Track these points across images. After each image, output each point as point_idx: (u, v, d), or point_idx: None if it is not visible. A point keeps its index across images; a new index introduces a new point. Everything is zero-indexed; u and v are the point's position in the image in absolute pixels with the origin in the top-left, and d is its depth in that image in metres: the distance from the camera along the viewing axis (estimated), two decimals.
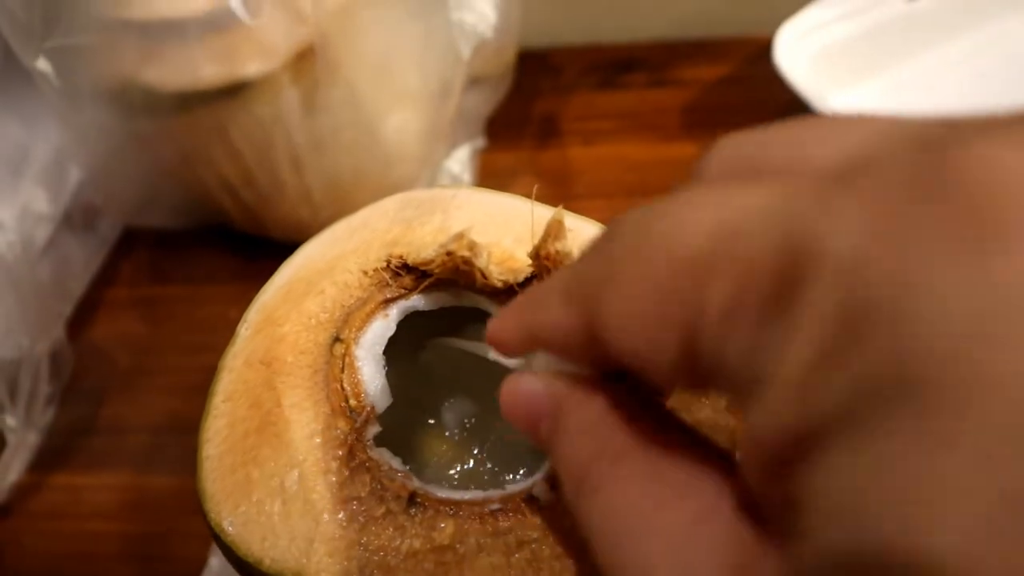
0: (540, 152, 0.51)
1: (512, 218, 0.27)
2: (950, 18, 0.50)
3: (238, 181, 0.42)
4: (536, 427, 0.16)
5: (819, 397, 0.10)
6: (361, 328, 0.25)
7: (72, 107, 0.40)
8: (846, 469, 0.10)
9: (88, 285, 0.47)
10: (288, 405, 0.23)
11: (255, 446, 0.23)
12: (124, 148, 0.42)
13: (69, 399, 0.43)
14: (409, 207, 0.28)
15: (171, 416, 0.42)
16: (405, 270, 0.25)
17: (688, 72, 0.55)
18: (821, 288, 0.10)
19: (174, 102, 0.38)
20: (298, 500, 0.22)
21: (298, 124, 0.39)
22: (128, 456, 0.40)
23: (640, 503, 0.14)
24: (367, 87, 0.39)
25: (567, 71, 0.56)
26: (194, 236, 0.49)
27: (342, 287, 0.26)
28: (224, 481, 0.23)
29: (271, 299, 0.26)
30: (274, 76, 0.37)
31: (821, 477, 0.10)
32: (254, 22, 0.35)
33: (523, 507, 0.21)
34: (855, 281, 0.10)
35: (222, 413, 0.24)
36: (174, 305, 0.47)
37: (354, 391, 0.23)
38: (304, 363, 0.24)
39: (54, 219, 0.44)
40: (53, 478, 0.40)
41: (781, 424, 0.11)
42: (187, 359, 0.44)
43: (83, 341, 0.45)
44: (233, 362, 0.25)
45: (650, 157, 0.50)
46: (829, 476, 0.10)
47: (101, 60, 0.38)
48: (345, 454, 0.22)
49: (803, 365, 0.10)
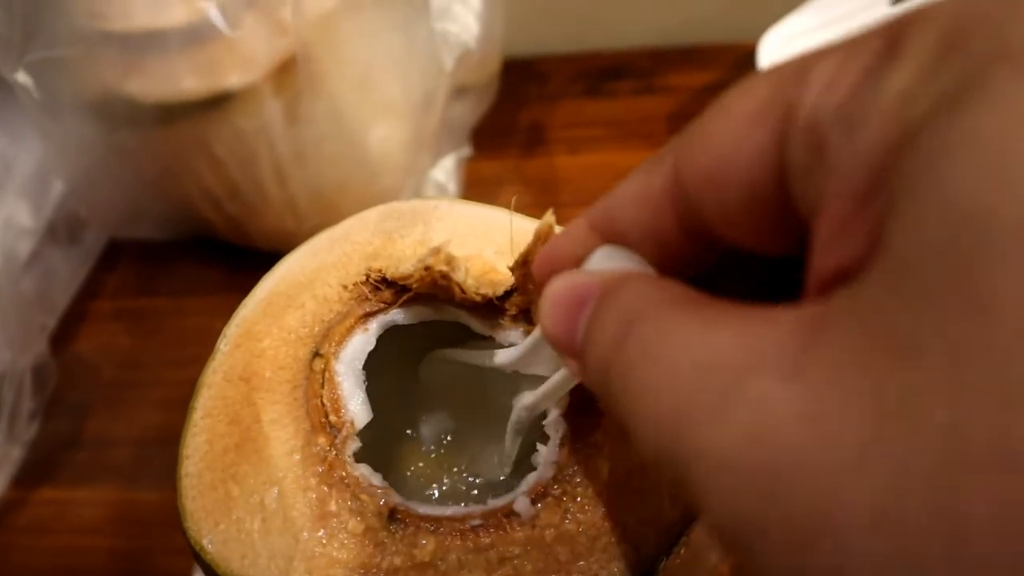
0: (526, 160, 0.51)
1: (493, 230, 0.27)
2: None
3: (222, 192, 0.41)
4: (575, 317, 0.15)
5: (920, 100, 0.10)
6: (341, 343, 0.24)
7: (54, 119, 0.40)
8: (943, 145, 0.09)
9: (72, 298, 0.47)
10: (267, 421, 0.23)
11: (235, 463, 0.23)
12: (107, 160, 0.42)
13: (53, 413, 0.42)
14: (390, 219, 0.28)
15: (156, 429, 0.42)
16: (385, 284, 0.25)
17: (674, 79, 0.55)
18: (924, 27, 0.11)
19: (156, 114, 0.38)
20: (278, 517, 0.21)
21: (281, 135, 0.38)
22: (113, 470, 0.40)
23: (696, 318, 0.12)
24: (350, 98, 0.39)
25: (553, 79, 0.56)
26: (179, 247, 0.49)
27: (322, 301, 0.25)
28: (204, 499, 0.22)
29: (250, 313, 0.26)
30: (256, 87, 0.36)
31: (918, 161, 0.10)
32: (235, 33, 0.35)
33: (504, 523, 0.21)
34: (957, 11, 0.10)
35: (201, 430, 0.24)
36: (159, 317, 0.46)
37: (334, 407, 0.23)
38: (283, 378, 0.24)
39: (37, 232, 0.44)
40: (37, 493, 0.40)
41: (883, 136, 0.10)
42: (172, 372, 0.44)
43: (67, 354, 0.45)
44: (212, 378, 0.25)
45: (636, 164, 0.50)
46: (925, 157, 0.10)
47: (82, 72, 0.37)
48: (325, 470, 0.22)
49: (905, 82, 0.10)
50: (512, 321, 0.24)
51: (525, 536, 0.21)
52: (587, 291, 0.15)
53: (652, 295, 0.14)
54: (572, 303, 0.15)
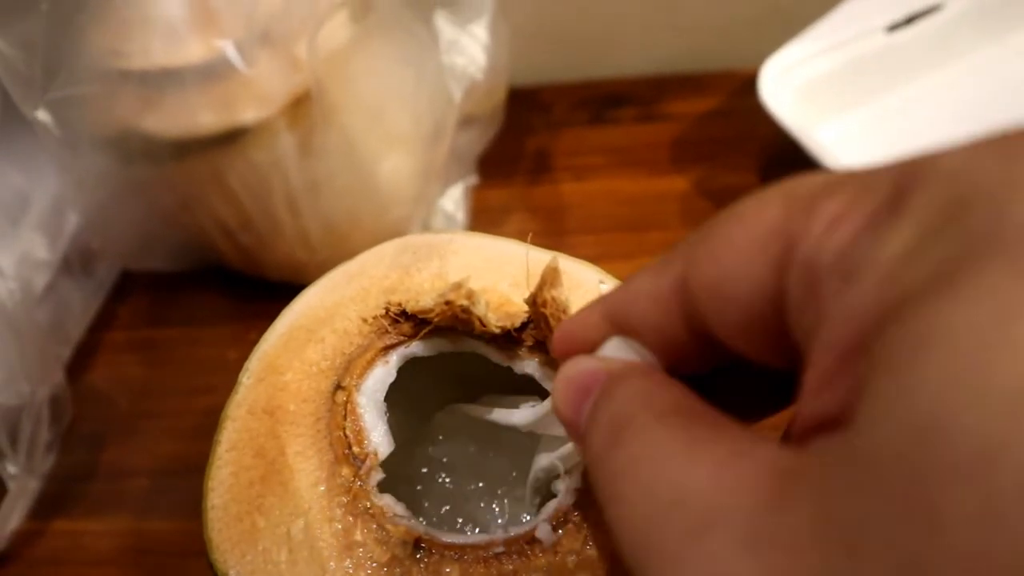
0: (532, 188, 0.52)
1: (507, 262, 0.27)
2: (929, 49, 0.51)
3: (235, 224, 0.42)
4: (581, 403, 0.16)
5: (914, 269, 0.10)
6: (362, 375, 0.25)
7: (71, 155, 0.40)
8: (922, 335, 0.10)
9: (86, 329, 0.48)
10: (292, 453, 0.24)
11: (260, 495, 0.23)
12: (122, 194, 0.43)
13: (69, 444, 0.43)
14: (406, 253, 0.28)
15: (171, 459, 0.42)
16: (404, 317, 0.26)
17: (676, 107, 0.56)
18: (929, 187, 0.11)
19: (172, 149, 0.38)
20: (304, 548, 0.22)
21: (295, 168, 0.39)
22: (129, 501, 0.41)
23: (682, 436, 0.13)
24: (362, 131, 0.40)
25: (557, 108, 0.57)
26: (191, 278, 0.49)
27: (342, 335, 0.26)
28: (230, 530, 0.23)
29: (272, 348, 0.26)
30: (271, 122, 0.37)
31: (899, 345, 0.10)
32: (251, 71, 0.36)
33: (527, 549, 0.22)
34: (961, 178, 0.11)
35: (226, 463, 0.24)
36: (172, 348, 0.47)
37: (356, 438, 0.24)
38: (307, 411, 0.25)
39: (52, 265, 0.45)
40: (54, 524, 0.40)
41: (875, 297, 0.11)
42: (186, 401, 0.44)
43: (82, 385, 0.45)
44: (236, 411, 0.25)
45: (641, 191, 0.51)
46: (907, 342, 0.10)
47: (100, 109, 0.38)
48: (350, 501, 0.23)
49: (902, 246, 0.11)
50: (529, 352, 0.25)
51: (547, 562, 0.21)
52: (593, 380, 0.16)
53: (647, 400, 0.15)
54: (579, 388, 0.16)
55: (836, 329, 0.12)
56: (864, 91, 0.51)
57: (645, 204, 0.50)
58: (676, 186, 0.51)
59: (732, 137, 0.53)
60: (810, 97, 0.48)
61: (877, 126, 0.50)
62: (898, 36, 0.50)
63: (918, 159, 0.12)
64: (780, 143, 0.47)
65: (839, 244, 0.12)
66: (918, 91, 0.51)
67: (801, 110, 0.47)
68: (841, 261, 0.12)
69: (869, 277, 0.11)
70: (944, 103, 0.51)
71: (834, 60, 0.49)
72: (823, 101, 0.49)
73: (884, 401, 0.10)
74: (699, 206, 0.49)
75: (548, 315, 0.22)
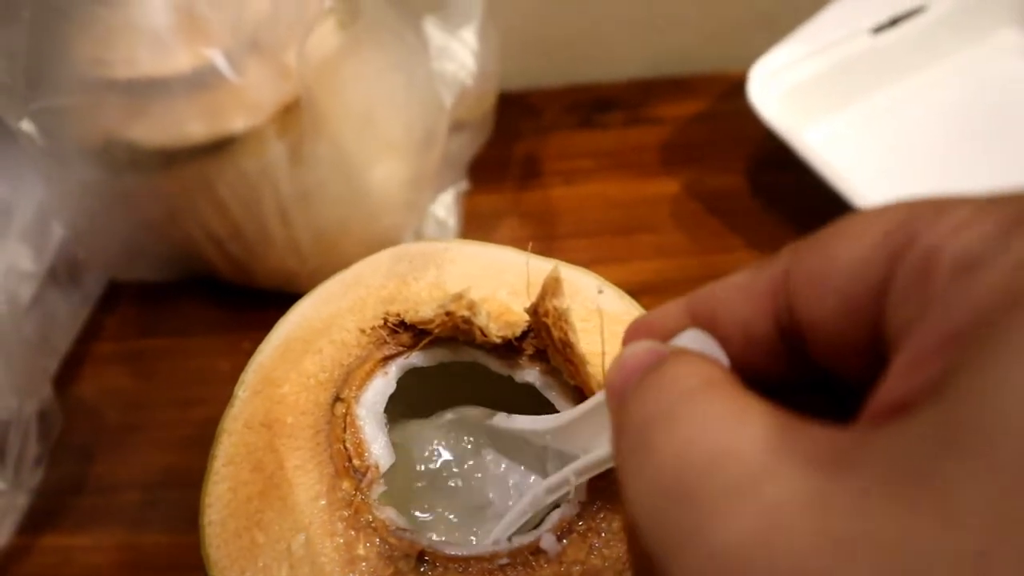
0: (523, 193, 0.52)
1: (505, 270, 0.27)
2: (913, 50, 0.52)
3: (225, 234, 0.42)
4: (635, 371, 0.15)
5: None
6: (361, 387, 0.25)
7: (57, 165, 0.40)
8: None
9: (73, 340, 0.47)
10: (291, 467, 0.23)
11: (259, 510, 0.23)
12: (109, 204, 0.42)
13: (58, 458, 0.42)
14: (402, 262, 0.28)
15: (163, 472, 0.41)
16: (402, 327, 0.26)
17: (664, 110, 0.56)
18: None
19: (160, 159, 0.38)
20: (306, 564, 0.22)
21: (285, 176, 0.39)
22: (120, 515, 0.40)
23: (732, 405, 0.13)
24: (352, 139, 0.40)
25: (546, 112, 0.57)
26: (180, 288, 0.49)
27: (340, 346, 0.26)
28: (229, 547, 0.23)
29: (268, 359, 0.26)
30: (260, 131, 0.37)
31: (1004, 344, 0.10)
32: (240, 79, 0.35)
33: (531, 560, 0.22)
34: None
35: (223, 477, 0.24)
36: (162, 358, 0.46)
37: (357, 451, 0.24)
38: (305, 424, 0.24)
39: (38, 276, 0.44)
40: (43, 540, 0.40)
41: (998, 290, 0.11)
42: (177, 413, 0.44)
43: (70, 397, 0.45)
44: (233, 425, 0.25)
45: (631, 194, 0.51)
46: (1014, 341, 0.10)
47: (85, 119, 0.38)
48: (351, 515, 0.22)
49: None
50: (530, 361, 0.25)
51: (553, 573, 0.21)
52: (655, 356, 0.16)
53: (702, 373, 0.14)
54: (637, 360, 0.16)
55: (946, 310, 0.12)
56: (851, 92, 0.51)
57: (635, 207, 0.50)
58: (666, 189, 0.51)
59: (721, 139, 0.53)
60: (797, 99, 0.49)
61: (864, 126, 0.50)
62: (883, 38, 0.51)
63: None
64: (769, 145, 0.47)
65: (966, 241, 0.12)
66: (904, 91, 0.52)
67: (789, 112, 0.47)
68: (966, 254, 0.12)
69: (996, 271, 0.11)
70: (929, 103, 0.51)
71: (821, 62, 0.50)
72: (810, 103, 0.49)
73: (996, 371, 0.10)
74: (689, 208, 0.49)
75: (550, 325, 0.22)
